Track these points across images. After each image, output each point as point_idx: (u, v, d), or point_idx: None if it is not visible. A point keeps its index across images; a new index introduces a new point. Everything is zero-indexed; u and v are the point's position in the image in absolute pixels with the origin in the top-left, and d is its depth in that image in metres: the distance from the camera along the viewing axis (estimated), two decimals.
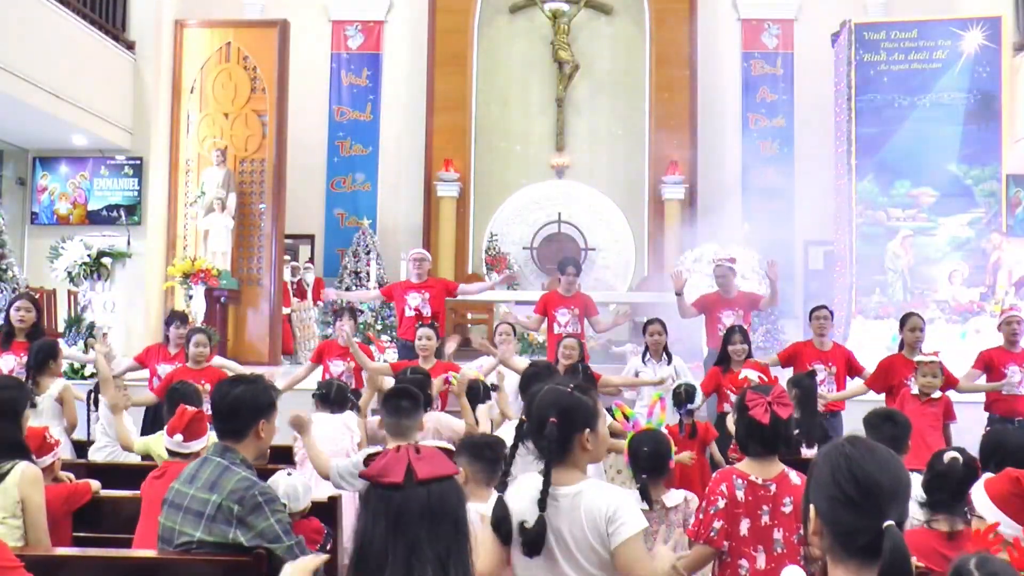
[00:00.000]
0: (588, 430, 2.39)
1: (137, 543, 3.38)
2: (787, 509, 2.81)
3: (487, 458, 3.24)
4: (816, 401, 5.48)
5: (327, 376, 6.38)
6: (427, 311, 7.42)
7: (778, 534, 2.80)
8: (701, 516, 2.90)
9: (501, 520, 2.33)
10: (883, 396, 6.05)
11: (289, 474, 3.28)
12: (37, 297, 6.63)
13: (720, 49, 13.68)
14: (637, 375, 6.54)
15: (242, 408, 2.91)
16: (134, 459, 4.70)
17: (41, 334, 5.90)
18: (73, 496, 3.64)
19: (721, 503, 2.82)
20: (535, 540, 2.27)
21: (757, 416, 2.83)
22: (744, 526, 2.81)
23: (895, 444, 3.65)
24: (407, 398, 3.78)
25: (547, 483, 2.31)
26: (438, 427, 4.54)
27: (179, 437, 3.60)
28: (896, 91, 10.53)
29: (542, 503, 2.28)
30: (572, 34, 14.03)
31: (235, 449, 2.86)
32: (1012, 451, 3.40)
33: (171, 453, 3.66)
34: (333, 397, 4.91)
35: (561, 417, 2.36)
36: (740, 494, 2.82)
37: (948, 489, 2.80)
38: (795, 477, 2.85)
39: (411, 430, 3.72)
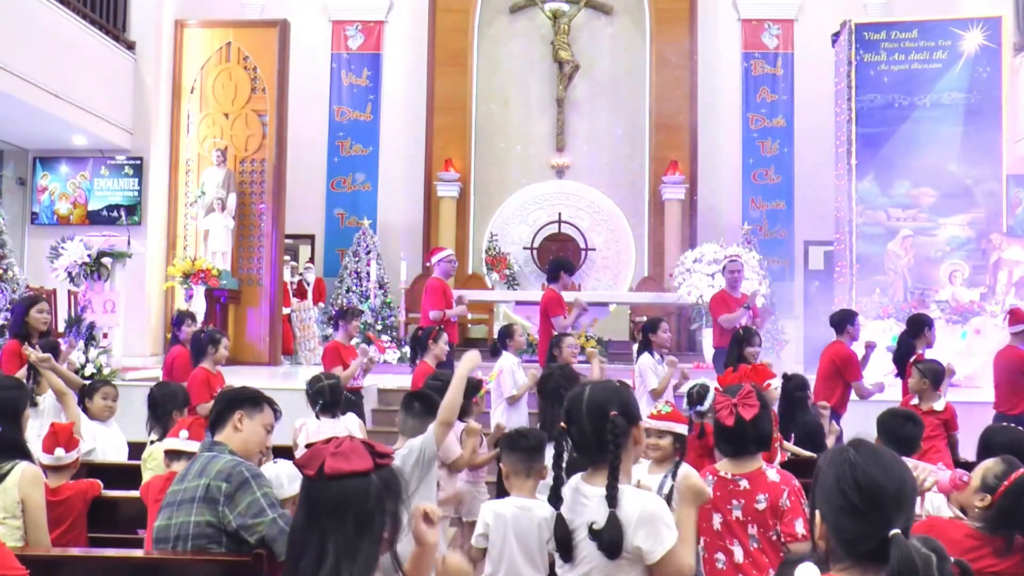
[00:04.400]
0: (637, 423, 2.38)
1: (150, 543, 3.38)
2: (760, 506, 2.78)
3: (522, 447, 3.22)
4: (807, 397, 5.47)
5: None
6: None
7: (752, 530, 2.79)
8: None
9: (565, 538, 2.26)
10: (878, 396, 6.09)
11: (276, 462, 3.23)
12: (45, 297, 6.64)
13: (720, 49, 13.68)
14: (639, 373, 6.49)
15: (221, 400, 3.00)
16: (121, 458, 4.71)
17: (51, 334, 5.94)
18: (90, 490, 3.69)
19: None
20: (616, 541, 2.21)
21: (721, 418, 2.86)
22: (716, 520, 2.82)
23: (910, 444, 3.64)
24: (421, 401, 3.79)
25: (615, 477, 2.24)
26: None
27: (184, 433, 3.62)
28: (896, 91, 10.52)
29: (612, 500, 2.22)
30: (572, 34, 14.03)
31: (222, 443, 2.90)
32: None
33: (174, 453, 3.61)
34: (329, 400, 4.75)
35: (623, 409, 2.33)
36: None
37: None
38: (773, 474, 2.84)
39: (417, 432, 3.65)
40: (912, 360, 5.76)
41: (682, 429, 3.52)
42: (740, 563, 2.78)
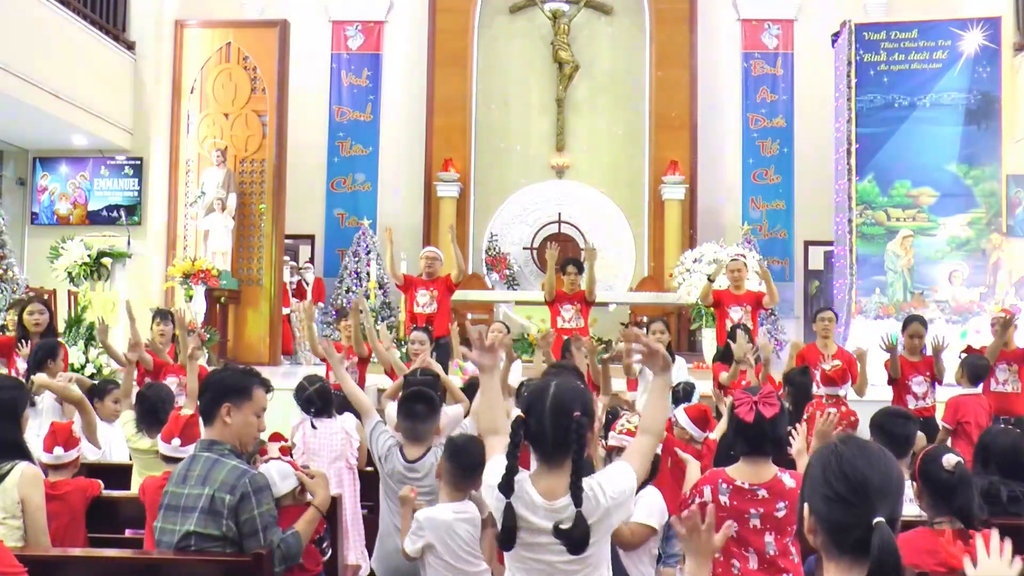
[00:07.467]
0: (593, 427, 2.42)
1: (150, 543, 3.37)
2: (781, 514, 2.77)
3: (457, 463, 3.23)
4: (810, 397, 5.48)
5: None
6: (432, 309, 7.53)
7: (769, 537, 2.77)
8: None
9: (512, 529, 2.26)
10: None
11: (267, 461, 3.20)
12: (47, 298, 6.66)
13: (720, 49, 13.68)
14: (641, 372, 6.52)
15: (207, 388, 2.92)
16: (123, 458, 4.71)
17: (53, 335, 5.95)
18: (90, 488, 3.67)
19: (694, 506, 2.78)
20: (583, 539, 2.22)
21: (741, 415, 2.82)
22: (731, 530, 2.79)
23: (904, 442, 3.63)
24: (423, 402, 3.65)
25: (579, 476, 2.24)
26: (444, 422, 4.39)
27: (176, 442, 3.50)
28: (896, 91, 10.52)
29: (577, 499, 2.22)
30: (572, 34, 14.02)
31: (220, 441, 2.84)
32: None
33: (167, 459, 3.52)
34: (320, 405, 4.65)
35: (585, 411, 2.33)
36: (724, 499, 2.79)
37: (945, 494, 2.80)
38: (789, 480, 2.81)
39: (427, 434, 3.65)
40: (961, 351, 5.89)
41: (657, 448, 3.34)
42: (754, 569, 2.77)
